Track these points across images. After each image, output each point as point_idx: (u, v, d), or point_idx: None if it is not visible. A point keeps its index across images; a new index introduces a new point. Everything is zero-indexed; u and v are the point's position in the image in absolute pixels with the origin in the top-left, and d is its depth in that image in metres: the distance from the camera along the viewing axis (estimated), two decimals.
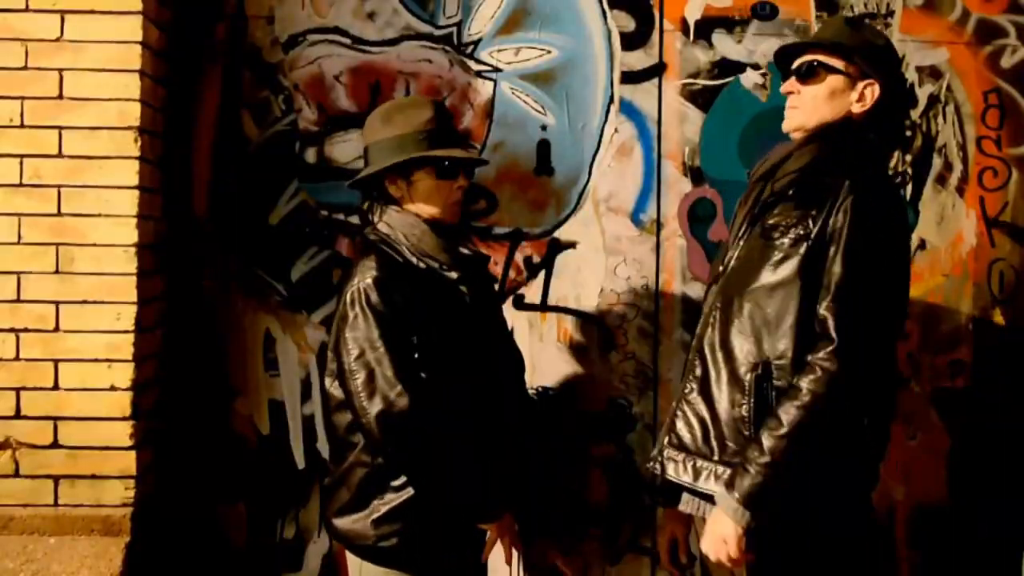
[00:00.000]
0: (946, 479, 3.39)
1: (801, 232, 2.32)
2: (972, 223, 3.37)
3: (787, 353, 2.30)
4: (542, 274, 3.32)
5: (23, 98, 2.91)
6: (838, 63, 2.43)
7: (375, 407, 2.40)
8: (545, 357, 3.32)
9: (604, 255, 3.32)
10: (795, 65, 2.50)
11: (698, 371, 2.45)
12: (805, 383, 2.24)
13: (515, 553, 2.65)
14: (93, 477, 2.93)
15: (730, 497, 2.25)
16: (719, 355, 2.41)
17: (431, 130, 2.57)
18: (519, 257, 3.31)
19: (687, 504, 2.50)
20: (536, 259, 3.32)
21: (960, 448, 3.38)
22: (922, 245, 3.35)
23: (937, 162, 3.36)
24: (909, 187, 3.35)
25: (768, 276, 2.34)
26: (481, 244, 3.28)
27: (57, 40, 2.91)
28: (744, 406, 2.33)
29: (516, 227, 3.31)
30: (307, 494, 3.30)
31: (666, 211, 3.33)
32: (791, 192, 2.38)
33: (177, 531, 3.22)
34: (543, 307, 3.32)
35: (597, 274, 3.32)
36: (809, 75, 2.46)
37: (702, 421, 2.41)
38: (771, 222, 2.38)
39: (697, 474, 2.39)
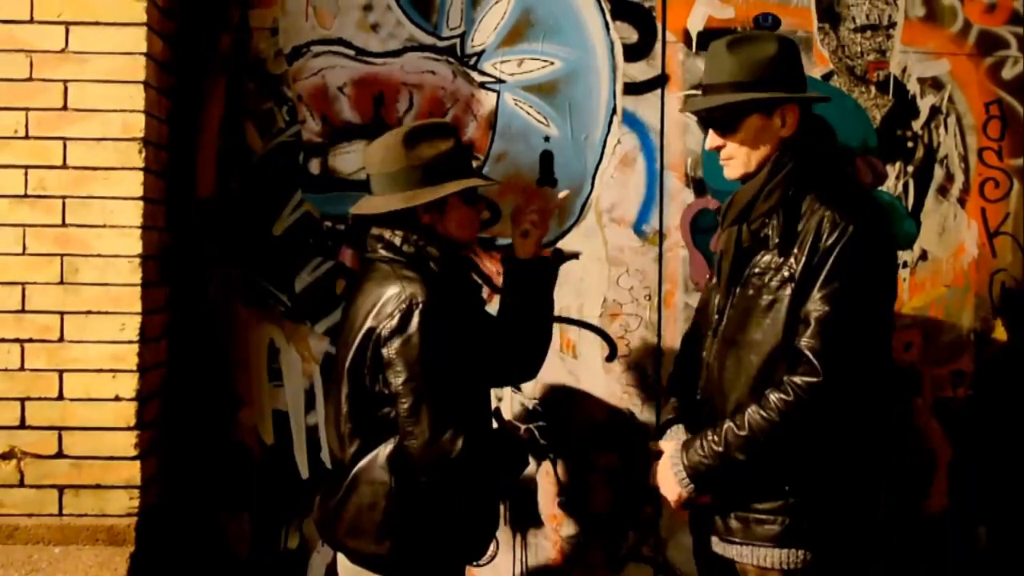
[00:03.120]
0: (947, 489, 3.40)
1: (786, 273, 2.34)
2: (974, 234, 3.37)
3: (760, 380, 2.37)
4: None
5: (28, 109, 2.92)
6: (746, 106, 2.40)
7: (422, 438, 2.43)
8: (548, 367, 3.30)
9: (607, 265, 3.33)
10: (707, 120, 2.50)
11: (708, 420, 2.48)
12: (775, 399, 2.29)
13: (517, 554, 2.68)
14: (98, 487, 2.93)
15: (680, 459, 2.41)
16: (719, 403, 2.46)
17: (457, 158, 2.59)
18: None
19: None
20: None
21: (961, 458, 3.39)
22: (924, 256, 3.36)
23: (939, 173, 3.37)
24: (910, 198, 3.36)
25: (761, 325, 2.38)
26: (484, 255, 3.30)
27: (62, 51, 2.92)
28: None
29: None
30: (311, 504, 3.29)
31: (669, 222, 3.33)
32: (769, 233, 2.38)
33: (181, 541, 3.23)
34: None
35: (600, 284, 3.33)
36: (724, 128, 2.45)
37: None
38: (758, 268, 2.40)
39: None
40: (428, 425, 2.41)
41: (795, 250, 2.33)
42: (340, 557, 2.63)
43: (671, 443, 2.51)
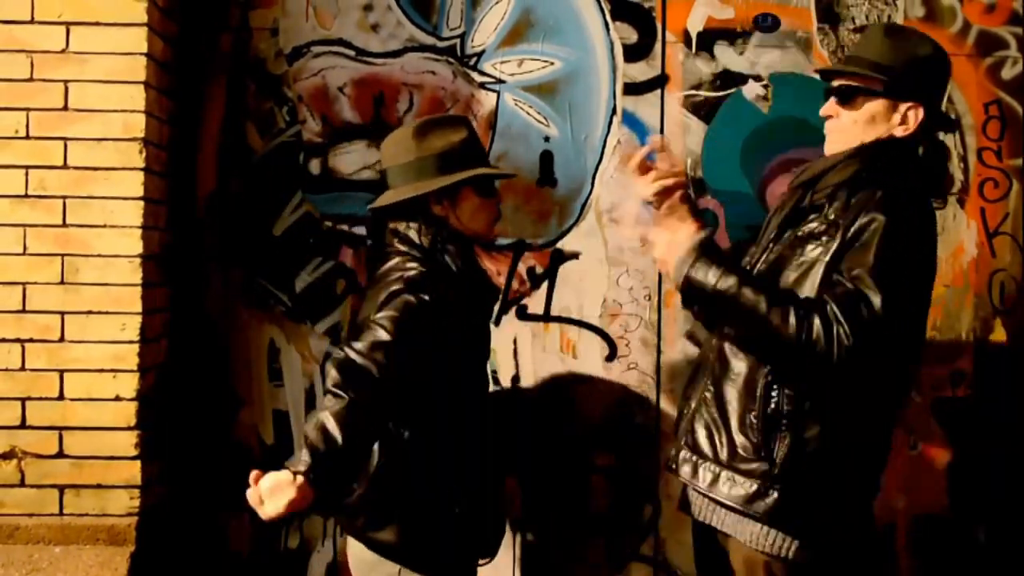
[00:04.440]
0: (947, 489, 3.40)
1: (826, 241, 2.28)
2: (973, 234, 3.38)
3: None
4: (545, 284, 3.33)
5: (28, 109, 2.92)
6: (877, 86, 2.36)
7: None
8: (548, 367, 3.33)
9: (607, 266, 3.33)
10: (833, 86, 2.44)
11: (714, 374, 2.43)
12: (829, 309, 2.17)
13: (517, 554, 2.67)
14: (98, 487, 2.94)
15: (691, 254, 2.29)
16: (734, 360, 2.39)
17: (470, 149, 2.58)
18: (522, 268, 3.33)
19: (697, 511, 2.50)
20: (539, 270, 3.33)
21: (961, 458, 3.39)
22: None
23: None
24: None
25: (788, 284, 2.31)
26: (484, 255, 3.29)
27: (62, 52, 2.92)
28: (752, 412, 2.32)
29: (519, 238, 3.33)
30: None
31: None
32: (827, 203, 2.34)
33: (182, 540, 3.23)
34: (546, 317, 3.33)
35: (600, 284, 3.33)
36: (846, 99, 2.40)
37: (716, 425, 2.40)
38: (803, 232, 2.35)
39: (706, 479, 2.39)
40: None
41: (842, 223, 2.26)
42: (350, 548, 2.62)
43: (690, 222, 2.37)
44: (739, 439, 2.34)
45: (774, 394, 2.29)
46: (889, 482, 3.36)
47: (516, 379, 3.33)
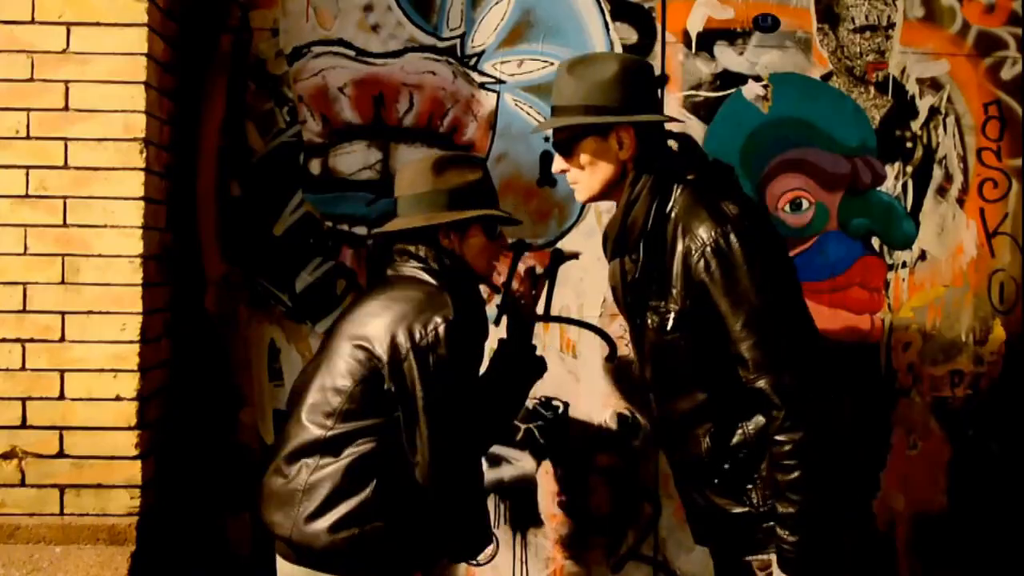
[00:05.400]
0: (946, 488, 3.40)
1: (674, 315, 2.32)
2: (972, 234, 3.38)
3: (713, 410, 2.37)
4: (545, 284, 3.32)
5: (29, 110, 2.92)
6: (578, 130, 2.39)
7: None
8: (548, 367, 3.33)
9: (607, 266, 3.33)
10: (553, 144, 2.49)
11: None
12: (790, 461, 2.23)
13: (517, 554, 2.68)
14: (99, 486, 2.94)
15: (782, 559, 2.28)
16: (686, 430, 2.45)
17: (483, 189, 2.61)
18: (522, 268, 3.31)
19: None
20: (539, 269, 3.32)
21: (960, 458, 3.40)
22: (923, 256, 3.37)
23: (938, 173, 3.38)
24: (909, 198, 3.37)
25: (670, 356, 2.38)
26: None
27: (63, 52, 2.92)
28: (715, 476, 2.41)
29: (519, 238, 3.32)
30: None
31: None
32: (649, 266, 2.37)
33: (182, 540, 3.23)
34: (546, 317, 3.32)
35: (600, 284, 3.33)
36: (566, 152, 2.45)
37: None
38: (653, 304, 2.38)
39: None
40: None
41: (673, 288, 2.31)
42: None
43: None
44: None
45: (721, 458, 2.38)
46: (889, 482, 3.37)
47: None
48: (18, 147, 2.92)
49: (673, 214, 2.34)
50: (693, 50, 3.35)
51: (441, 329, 2.40)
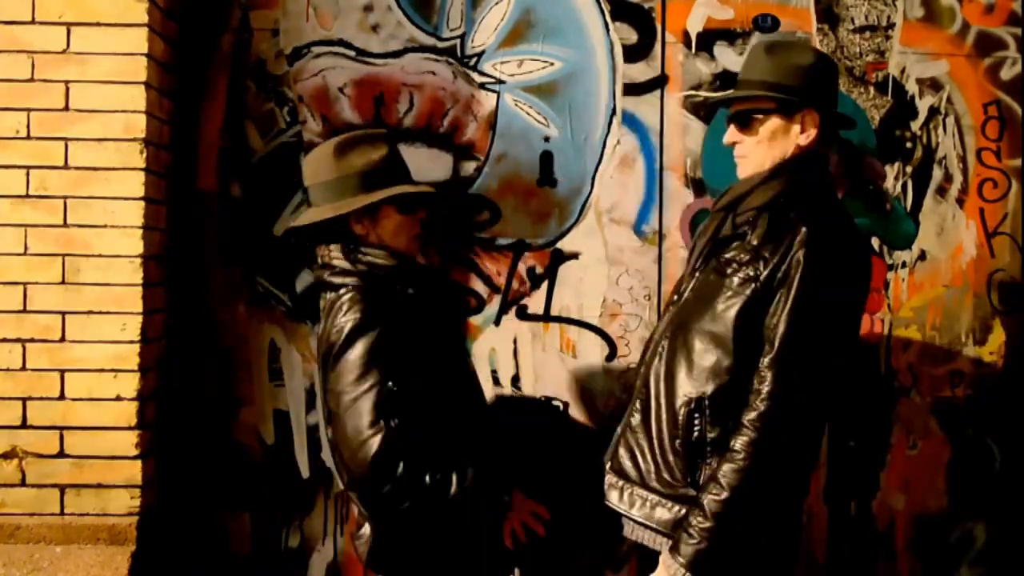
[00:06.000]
0: (946, 489, 3.41)
1: (751, 273, 2.36)
2: (972, 234, 3.39)
3: (718, 394, 2.36)
4: (545, 284, 3.34)
5: (29, 110, 2.93)
6: (769, 105, 2.43)
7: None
8: (548, 367, 3.34)
9: (607, 266, 3.34)
10: (731, 114, 2.52)
11: (641, 399, 2.52)
12: (740, 445, 2.27)
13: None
14: (99, 486, 2.94)
15: (674, 562, 2.31)
16: (662, 386, 2.47)
17: (391, 166, 2.58)
18: (522, 268, 3.33)
19: (629, 531, 2.55)
20: (539, 270, 3.34)
21: (960, 458, 3.40)
22: (922, 256, 3.37)
23: (937, 173, 3.38)
24: (909, 198, 3.37)
25: (713, 314, 2.39)
26: (484, 255, 3.30)
27: (63, 52, 2.93)
28: (677, 440, 2.40)
29: (519, 238, 3.33)
30: (312, 503, 3.32)
31: (668, 222, 3.34)
32: (748, 230, 2.41)
33: (182, 540, 3.23)
34: (546, 317, 3.34)
35: (599, 284, 3.34)
36: (745, 124, 2.48)
37: (641, 450, 2.48)
38: (726, 257, 2.43)
39: (632, 503, 2.47)
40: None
41: (766, 255, 2.35)
42: None
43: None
44: (664, 466, 2.43)
45: (696, 422, 2.37)
46: (889, 482, 3.37)
47: (516, 379, 3.34)
48: (19, 147, 2.92)
49: (806, 203, 2.39)
50: (693, 50, 3.35)
51: (346, 328, 2.45)
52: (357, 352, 2.43)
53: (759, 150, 2.47)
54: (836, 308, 2.33)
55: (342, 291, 2.52)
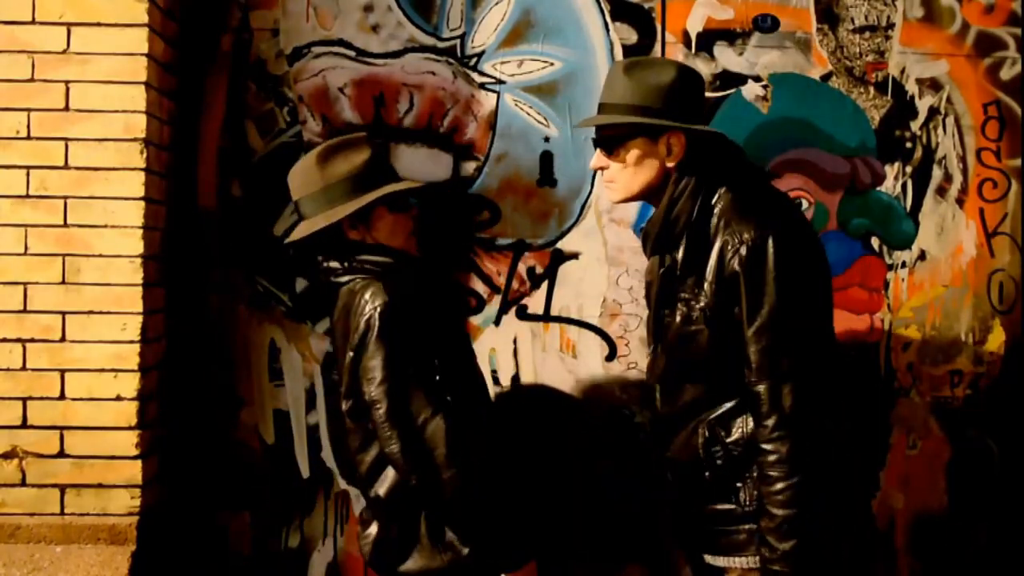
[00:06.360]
0: (946, 488, 3.41)
1: (703, 304, 2.34)
2: (972, 234, 3.39)
3: (725, 417, 2.38)
4: (545, 284, 3.34)
5: (29, 110, 2.93)
6: (628, 130, 2.40)
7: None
8: (548, 367, 3.34)
9: (606, 266, 3.34)
10: (595, 140, 2.50)
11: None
12: (774, 472, 2.25)
13: None
14: (99, 486, 2.94)
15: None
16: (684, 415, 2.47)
17: (376, 168, 2.60)
18: (522, 268, 3.33)
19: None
20: (539, 270, 3.34)
21: (960, 457, 3.40)
22: (922, 256, 3.37)
23: (937, 173, 3.38)
24: (909, 198, 3.38)
25: (690, 346, 2.38)
26: (484, 255, 3.30)
27: (64, 52, 2.93)
28: (705, 470, 2.42)
29: (519, 238, 3.33)
30: (312, 503, 3.32)
31: None
32: (682, 263, 2.39)
33: (182, 540, 3.23)
34: (546, 317, 3.34)
35: (599, 284, 3.34)
36: (610, 149, 2.45)
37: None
38: (683, 295, 2.40)
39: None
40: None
41: (706, 281, 2.33)
42: None
43: None
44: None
45: (717, 451, 2.38)
46: (888, 482, 3.38)
47: (516, 379, 3.34)
48: (19, 147, 2.92)
49: (717, 210, 2.36)
50: (693, 50, 3.35)
51: (373, 320, 2.44)
52: (395, 335, 2.43)
53: (625, 175, 2.45)
54: (794, 286, 2.28)
55: (357, 279, 2.53)
